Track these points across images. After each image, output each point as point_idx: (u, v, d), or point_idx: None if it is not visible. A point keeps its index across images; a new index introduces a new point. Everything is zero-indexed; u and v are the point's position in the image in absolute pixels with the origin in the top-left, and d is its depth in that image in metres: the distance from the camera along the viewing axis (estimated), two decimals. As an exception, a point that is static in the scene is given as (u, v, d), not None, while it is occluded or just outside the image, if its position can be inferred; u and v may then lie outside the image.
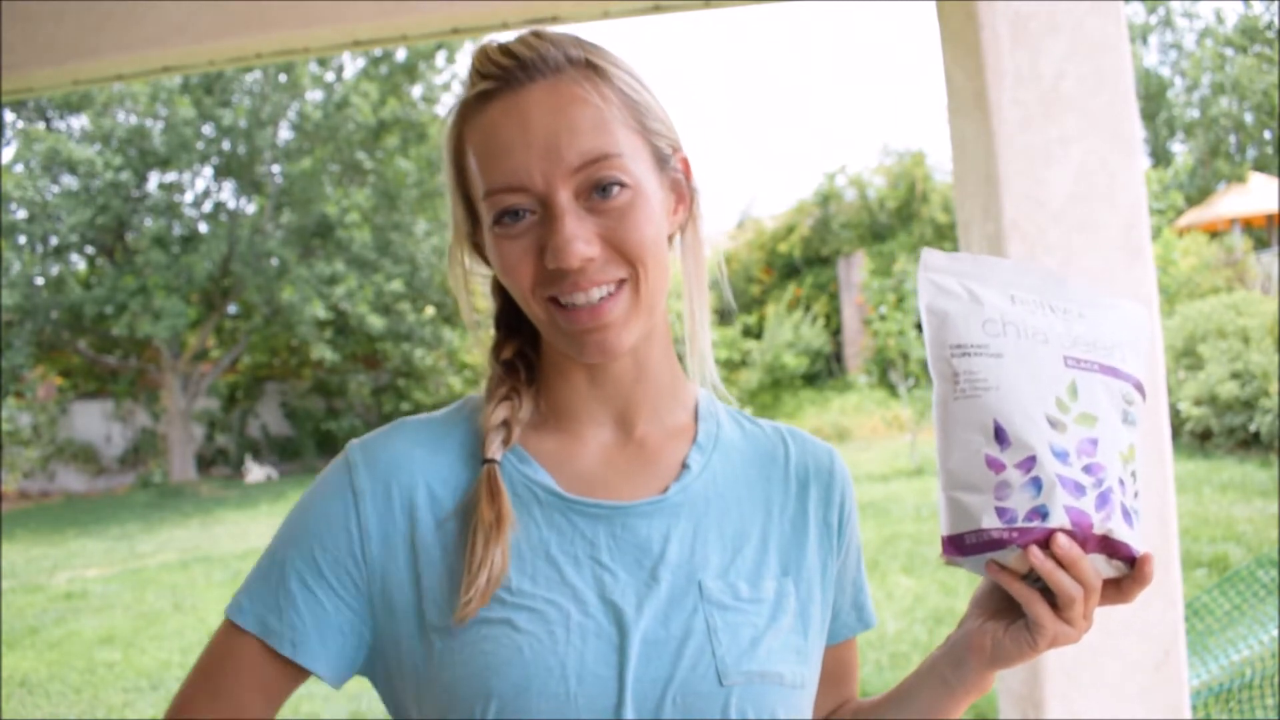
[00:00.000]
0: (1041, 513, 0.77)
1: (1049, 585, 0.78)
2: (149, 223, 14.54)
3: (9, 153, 14.43)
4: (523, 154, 0.80)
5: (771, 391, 15.24)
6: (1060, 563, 0.77)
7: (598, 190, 0.81)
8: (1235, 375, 9.14)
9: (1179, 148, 22.33)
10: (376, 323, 14.76)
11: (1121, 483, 0.79)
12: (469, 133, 0.84)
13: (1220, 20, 22.70)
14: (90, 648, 6.49)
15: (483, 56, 0.83)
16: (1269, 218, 15.91)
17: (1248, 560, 4.00)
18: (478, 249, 0.91)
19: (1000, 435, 0.79)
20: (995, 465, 0.79)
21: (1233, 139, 21.71)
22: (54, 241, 14.51)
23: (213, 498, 13.47)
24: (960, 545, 0.79)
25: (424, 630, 0.83)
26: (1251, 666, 2.90)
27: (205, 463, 16.32)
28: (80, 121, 14.82)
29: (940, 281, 0.84)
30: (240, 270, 14.52)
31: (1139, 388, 0.84)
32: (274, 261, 14.69)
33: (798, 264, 16.75)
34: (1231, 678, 2.87)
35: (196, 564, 8.95)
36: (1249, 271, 12.83)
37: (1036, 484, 0.78)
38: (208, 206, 15.53)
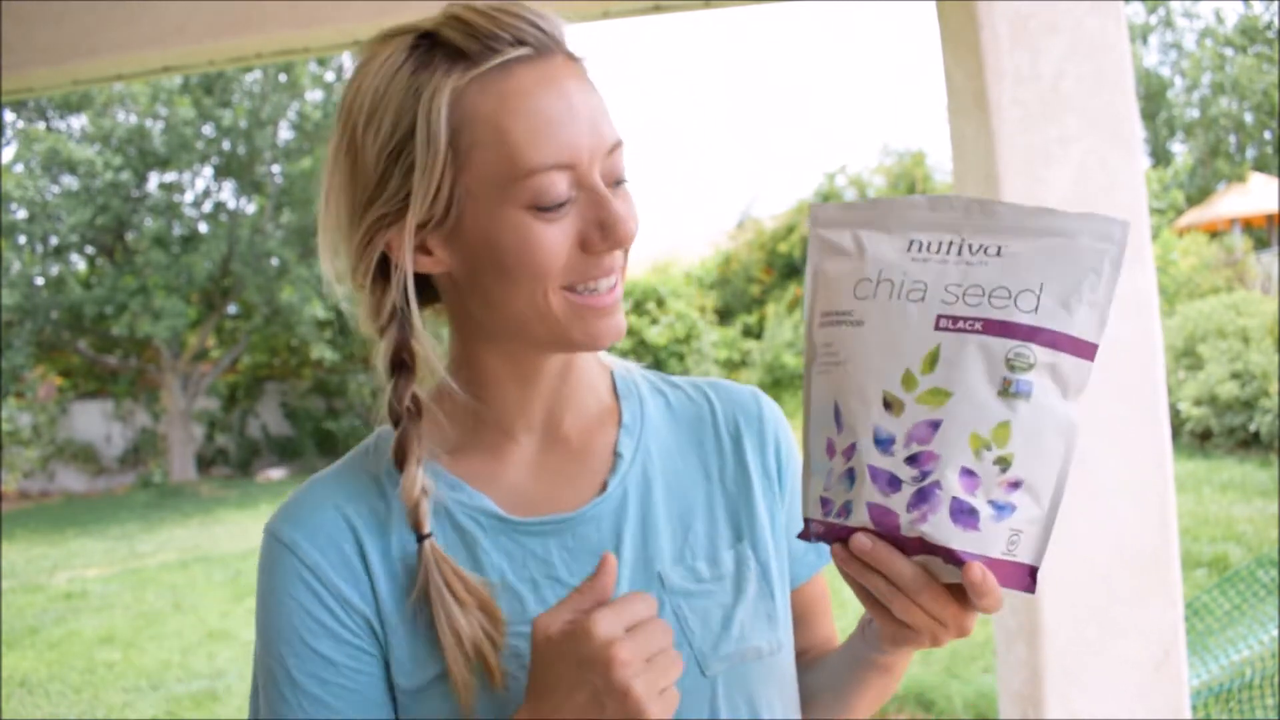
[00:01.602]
0: (848, 508, 0.70)
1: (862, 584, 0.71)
2: (149, 223, 14.52)
3: (9, 153, 14.42)
4: (570, 127, 0.74)
5: (772, 391, 15.24)
6: (866, 563, 0.69)
7: (614, 181, 0.78)
8: (1235, 375, 9.14)
9: (1179, 148, 22.32)
10: (376, 323, 14.73)
11: (968, 473, 0.67)
12: (484, 101, 0.74)
13: (1220, 20, 22.70)
14: (90, 648, 6.49)
15: (498, 20, 0.75)
16: (1269, 218, 15.90)
17: (1248, 560, 4.00)
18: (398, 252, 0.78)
19: (838, 418, 0.71)
20: (830, 451, 0.72)
21: (1233, 139, 21.70)
22: (54, 241, 14.51)
23: (213, 498, 13.46)
24: (806, 531, 0.74)
25: (391, 689, 0.79)
26: (1251, 666, 2.90)
27: (205, 463, 16.31)
28: (80, 121, 14.80)
29: (830, 237, 0.74)
30: (240, 270, 14.51)
31: (1059, 340, 0.67)
32: (274, 261, 14.67)
33: (798, 264, 16.74)
34: (1231, 678, 2.87)
35: (196, 564, 8.94)
36: (1249, 271, 12.82)
37: (850, 476, 0.70)
38: (208, 206, 15.52)
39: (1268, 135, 21.24)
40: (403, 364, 0.81)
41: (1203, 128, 21.64)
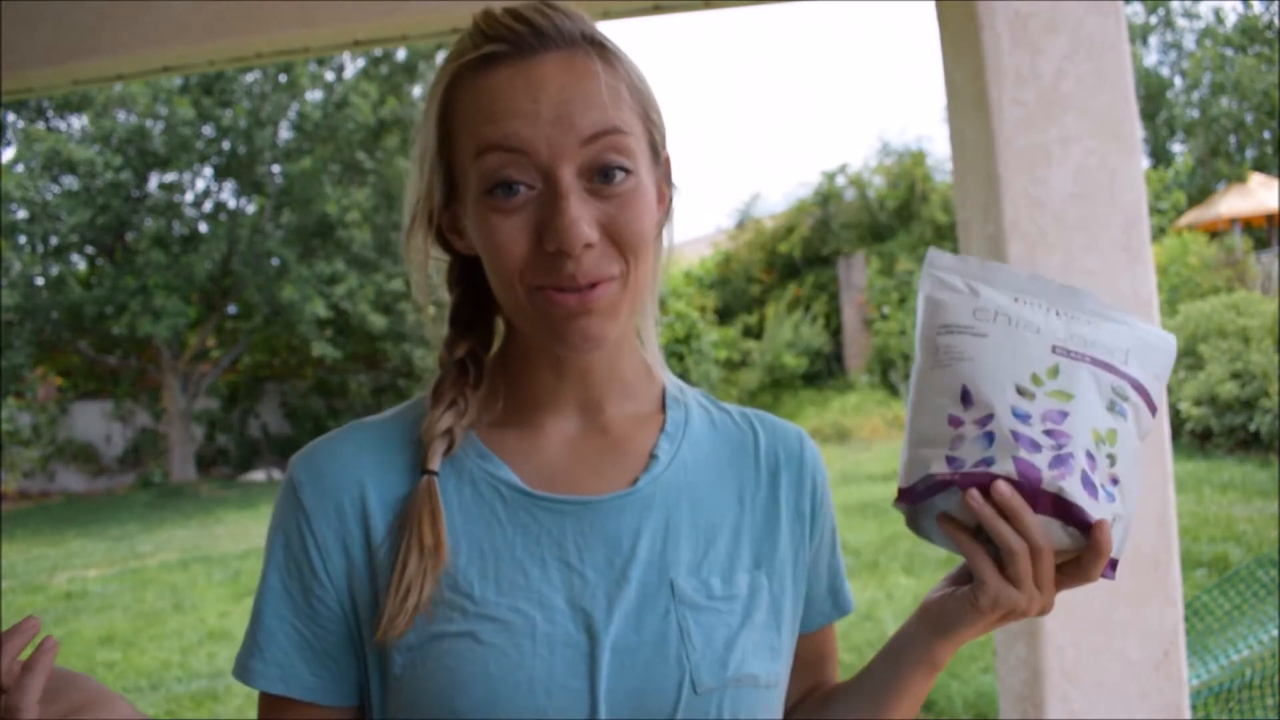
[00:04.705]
0: (988, 462, 0.77)
1: (988, 533, 0.76)
2: (149, 223, 14.53)
3: (9, 153, 14.43)
4: (530, 119, 0.75)
5: (771, 391, 15.23)
6: (1001, 511, 0.75)
7: (601, 174, 0.76)
8: (1235, 375, 9.14)
9: (1179, 148, 22.30)
10: (377, 322, 14.75)
11: (1090, 456, 0.78)
12: (463, 93, 0.78)
13: (1220, 20, 22.67)
14: (90, 648, 6.49)
15: (490, 19, 0.78)
16: (1269, 218, 15.90)
17: (1248, 560, 4.00)
18: (440, 231, 0.85)
19: (966, 397, 0.80)
20: (955, 422, 0.80)
21: (1233, 139, 21.68)
22: (54, 241, 14.51)
23: (213, 498, 13.47)
24: (911, 494, 0.81)
25: (385, 644, 0.80)
26: (1251, 666, 2.90)
27: (205, 463, 16.31)
28: (80, 121, 14.81)
29: (944, 278, 0.85)
30: (240, 270, 14.52)
31: (1142, 390, 0.82)
32: (274, 261, 14.68)
33: (798, 264, 16.74)
34: (1231, 678, 2.86)
35: (196, 564, 8.95)
36: (1249, 271, 12.82)
37: (989, 438, 0.78)
38: (208, 206, 15.53)
39: (1268, 135, 21.22)
40: (461, 319, 0.87)
41: (1203, 128, 21.62)
